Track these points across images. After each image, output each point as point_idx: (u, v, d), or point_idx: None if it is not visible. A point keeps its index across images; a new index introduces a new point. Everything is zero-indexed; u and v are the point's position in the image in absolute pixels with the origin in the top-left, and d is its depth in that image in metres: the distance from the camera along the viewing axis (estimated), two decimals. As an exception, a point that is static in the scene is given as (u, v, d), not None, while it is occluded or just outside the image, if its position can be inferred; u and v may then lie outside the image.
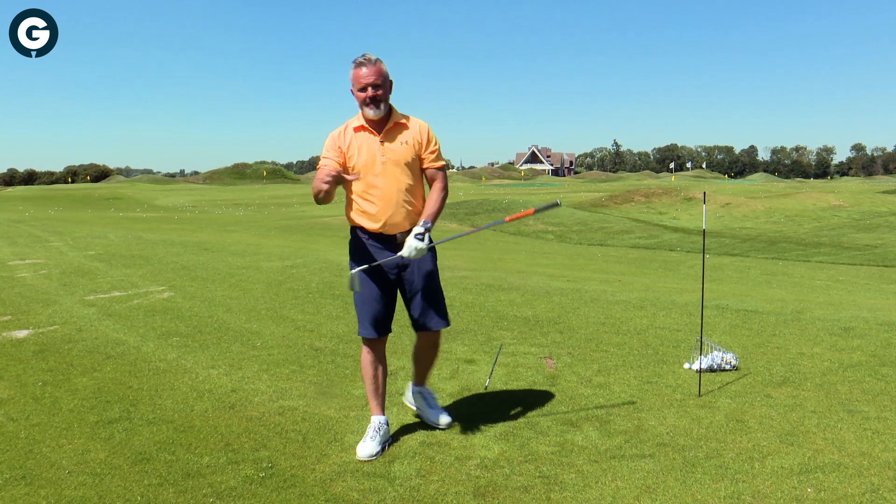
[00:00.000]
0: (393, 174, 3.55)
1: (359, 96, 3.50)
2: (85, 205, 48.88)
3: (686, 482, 3.13)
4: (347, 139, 3.58)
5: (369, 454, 3.48)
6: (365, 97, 3.48)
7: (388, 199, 3.55)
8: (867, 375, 4.66)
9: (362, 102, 3.51)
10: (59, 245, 13.72)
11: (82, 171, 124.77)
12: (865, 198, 43.80)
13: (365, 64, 3.47)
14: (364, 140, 3.56)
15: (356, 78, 3.48)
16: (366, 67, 3.46)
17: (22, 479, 3.22)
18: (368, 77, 3.45)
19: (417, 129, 3.63)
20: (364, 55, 3.50)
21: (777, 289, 11.49)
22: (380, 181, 3.54)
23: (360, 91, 3.48)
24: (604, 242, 26.08)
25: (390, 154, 3.55)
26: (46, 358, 5.24)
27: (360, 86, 3.47)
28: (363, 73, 3.46)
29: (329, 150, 3.59)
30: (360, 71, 3.47)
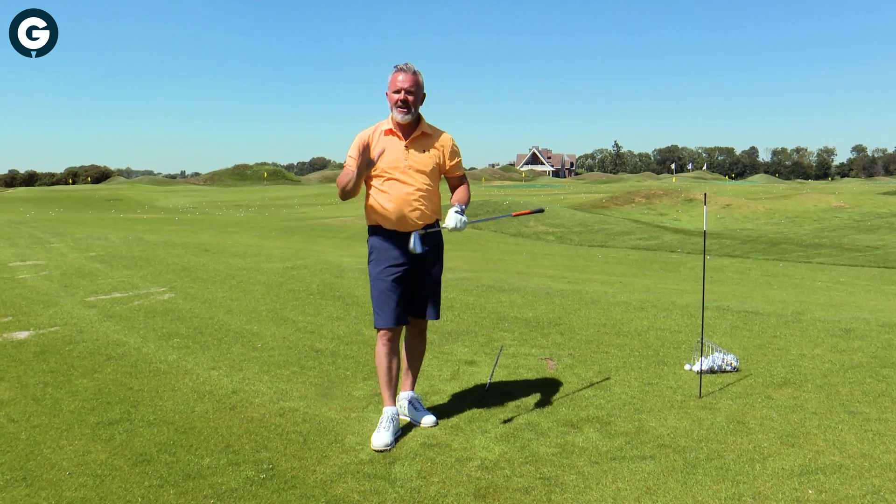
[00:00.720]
0: (412, 178, 3.78)
1: (392, 97, 3.74)
2: (86, 206, 48.91)
3: (687, 483, 3.12)
4: (375, 139, 3.81)
5: (385, 444, 3.58)
6: (397, 100, 3.71)
7: (404, 201, 3.77)
8: (868, 377, 4.66)
9: (394, 104, 3.74)
10: (59, 246, 13.73)
11: (83, 173, 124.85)
12: (866, 199, 43.80)
13: (404, 70, 3.73)
14: (391, 143, 3.79)
15: (393, 81, 3.73)
16: (403, 73, 3.72)
17: (22, 481, 3.22)
18: (404, 83, 3.70)
19: (441, 141, 3.89)
20: (406, 63, 3.75)
21: (778, 290, 11.49)
22: (399, 183, 3.77)
23: (395, 93, 3.72)
24: (604, 244, 26.09)
25: (413, 160, 3.79)
26: (47, 359, 5.24)
27: (395, 88, 3.72)
28: (400, 79, 3.72)
29: (354, 150, 3.78)
30: (398, 75, 3.73)
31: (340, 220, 28.96)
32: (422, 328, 4.07)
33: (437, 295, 3.99)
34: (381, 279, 3.84)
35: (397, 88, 3.70)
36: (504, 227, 30.49)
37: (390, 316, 3.83)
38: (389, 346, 3.88)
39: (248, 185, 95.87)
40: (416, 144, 3.81)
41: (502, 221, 31.11)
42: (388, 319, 3.83)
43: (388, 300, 3.83)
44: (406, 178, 3.77)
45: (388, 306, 3.83)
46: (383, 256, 3.85)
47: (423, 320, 4.02)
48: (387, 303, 3.83)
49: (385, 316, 3.83)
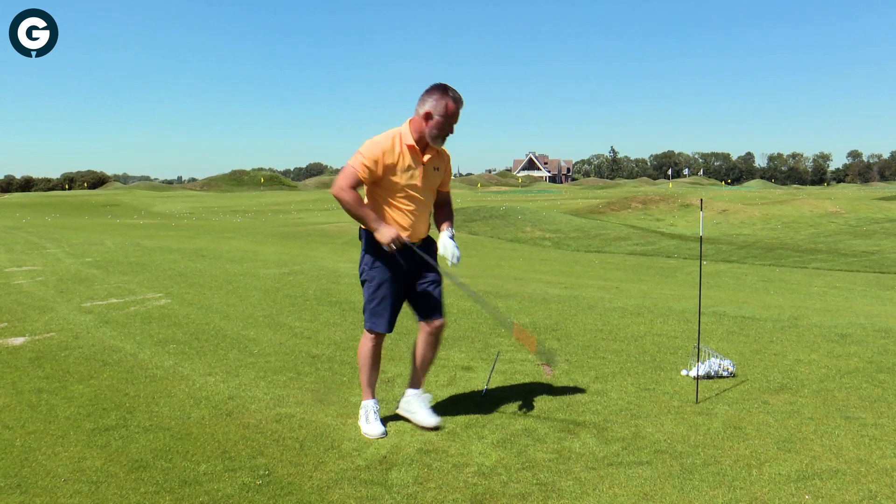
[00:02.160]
0: (427, 195, 3.92)
1: (439, 123, 3.75)
2: (82, 211, 48.84)
3: (683, 489, 3.12)
4: (397, 153, 3.77)
5: (382, 432, 3.83)
6: (448, 130, 3.79)
7: (419, 217, 3.91)
8: (864, 382, 4.67)
9: (440, 131, 3.77)
10: (55, 252, 13.70)
11: (79, 178, 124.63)
12: (862, 204, 43.92)
13: (461, 102, 3.78)
14: (412, 160, 3.81)
15: (450, 112, 3.75)
16: (460, 106, 3.78)
17: (17, 488, 3.20)
18: (456, 116, 3.78)
19: (446, 159, 4.02)
20: (458, 93, 3.78)
21: (774, 295, 11.51)
22: (418, 199, 3.87)
23: (447, 123, 3.77)
24: (601, 249, 26.11)
25: (429, 177, 3.89)
26: (43, 365, 5.22)
27: (450, 120, 3.77)
28: (457, 112, 3.78)
29: (372, 161, 3.72)
30: (456, 107, 3.76)
31: (337, 226, 28.95)
32: (439, 327, 4.06)
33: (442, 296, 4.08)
34: (385, 286, 3.90)
35: (450, 118, 3.76)
36: (500, 232, 30.52)
37: (389, 322, 3.94)
38: (378, 347, 4.02)
39: (245, 191, 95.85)
40: (431, 163, 3.88)
41: (499, 226, 31.14)
42: (386, 325, 3.93)
43: (388, 307, 3.91)
44: (422, 196, 3.88)
45: (389, 312, 3.92)
46: (389, 264, 3.87)
47: (441, 320, 4.04)
48: (388, 309, 3.92)
49: (384, 322, 3.93)
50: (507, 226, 32.03)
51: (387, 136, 3.79)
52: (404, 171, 3.78)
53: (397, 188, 3.80)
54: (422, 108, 3.76)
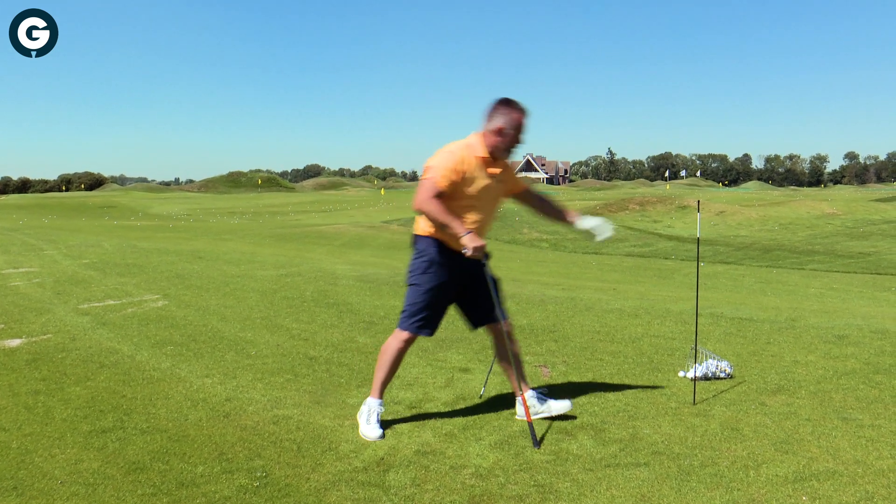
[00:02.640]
0: (491, 208, 4.00)
1: (510, 136, 3.83)
2: (79, 213, 48.78)
3: (681, 490, 3.12)
4: (470, 164, 3.83)
5: (378, 436, 3.81)
6: (517, 141, 3.86)
7: (482, 227, 3.96)
8: (861, 383, 4.67)
9: (509, 143, 3.85)
10: (52, 253, 13.68)
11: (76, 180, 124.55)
12: (859, 206, 44.02)
13: (528, 114, 3.86)
14: (482, 172, 3.86)
15: (520, 124, 3.84)
16: (526, 117, 3.85)
17: (13, 490, 3.20)
18: (524, 127, 3.85)
19: (511, 170, 4.07)
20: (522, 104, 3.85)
21: (771, 297, 11.52)
22: (483, 210, 3.92)
23: (518, 136, 3.85)
24: (598, 251, 26.12)
25: (494, 189, 3.94)
26: (39, 367, 5.21)
27: (520, 132, 3.85)
28: (525, 124, 3.85)
29: (451, 170, 3.77)
30: (524, 120, 3.84)
31: (335, 228, 28.95)
32: (509, 330, 4.09)
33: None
34: (434, 292, 3.94)
35: (521, 132, 3.84)
36: (498, 234, 30.53)
37: (432, 327, 4.01)
38: (406, 349, 4.05)
39: (242, 193, 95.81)
40: (500, 176, 3.94)
41: (496, 228, 31.15)
42: (430, 330, 4.01)
43: (436, 314, 4.00)
44: (487, 209, 3.95)
45: (435, 318, 4.01)
46: (444, 272, 3.92)
47: (507, 322, 4.08)
48: (436, 315, 4.00)
49: (429, 326, 4.00)
50: (504, 227, 32.06)
51: (460, 146, 3.87)
52: (474, 181, 3.84)
53: (466, 198, 3.84)
54: (492, 124, 3.84)
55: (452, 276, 3.96)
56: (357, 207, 60.60)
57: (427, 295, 3.94)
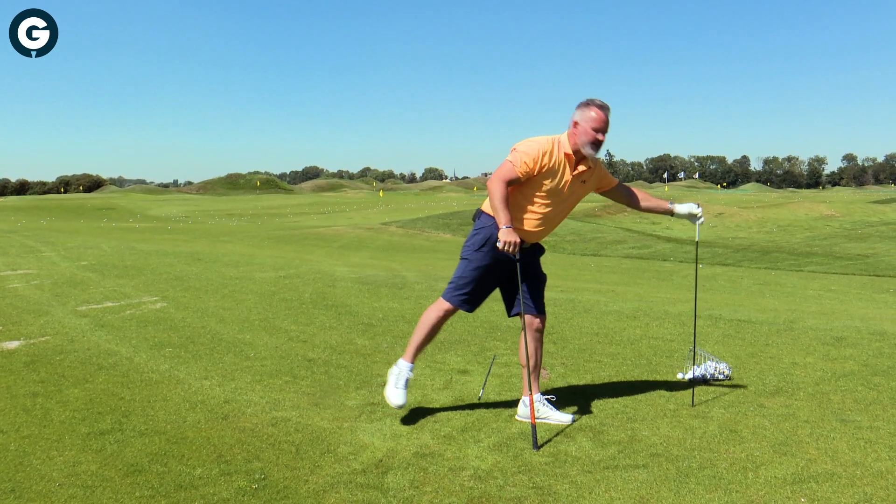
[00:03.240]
0: (567, 206, 4.01)
1: (590, 134, 3.80)
2: (78, 215, 48.74)
3: (680, 492, 3.12)
4: (555, 158, 3.85)
5: (400, 403, 3.99)
6: (596, 138, 3.80)
7: (549, 221, 3.98)
8: (859, 385, 4.67)
9: (591, 140, 3.81)
10: (51, 255, 13.67)
11: (75, 182, 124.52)
12: (857, 208, 44.06)
13: (607, 109, 3.83)
14: (566, 168, 3.88)
15: (598, 120, 3.80)
16: (606, 114, 3.82)
17: (11, 493, 3.19)
18: (605, 123, 3.82)
19: (599, 174, 4.07)
20: (603, 102, 3.84)
21: (770, 298, 11.53)
22: (557, 206, 3.94)
23: (596, 132, 3.80)
24: (597, 252, 26.14)
25: (575, 188, 3.95)
26: (37, 369, 5.21)
27: (599, 128, 3.80)
28: (605, 119, 3.82)
29: (531, 158, 3.81)
30: (603, 115, 3.81)
31: (333, 230, 28.95)
32: (539, 328, 4.14)
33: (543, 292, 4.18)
34: (481, 270, 3.99)
35: (601, 128, 3.80)
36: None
37: (474, 304, 4.07)
38: (445, 319, 4.10)
39: (241, 194, 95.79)
40: (582, 175, 3.94)
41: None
42: (471, 306, 4.06)
43: (481, 292, 4.05)
44: (562, 204, 3.95)
45: (479, 296, 4.06)
46: (494, 253, 3.94)
47: (542, 318, 4.13)
48: (479, 293, 4.05)
49: (470, 302, 4.05)
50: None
51: (547, 139, 3.90)
52: (555, 175, 3.85)
53: (543, 190, 3.87)
54: (571, 121, 3.89)
55: (505, 264, 3.99)
56: (356, 209, 60.61)
57: (475, 272, 3.99)
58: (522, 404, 4.12)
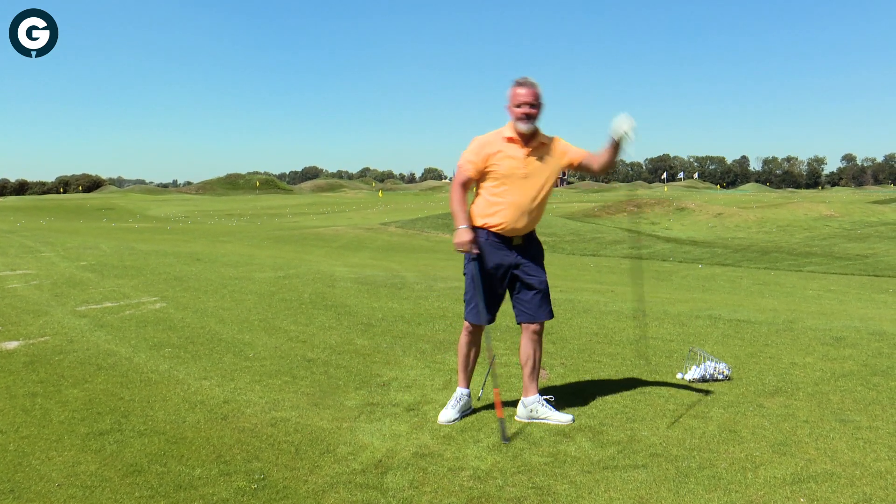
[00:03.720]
0: (528, 187, 3.97)
1: (515, 112, 3.93)
2: (77, 215, 48.73)
3: (679, 492, 3.12)
4: (496, 146, 3.97)
5: (447, 419, 4.03)
6: (521, 113, 3.90)
7: (518, 207, 3.95)
8: (859, 385, 4.68)
9: (517, 117, 3.92)
10: (50, 255, 13.66)
11: (74, 182, 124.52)
12: (856, 208, 44.07)
13: (525, 84, 3.91)
14: (512, 151, 3.96)
15: (515, 95, 3.92)
16: (525, 88, 3.90)
17: (10, 493, 3.19)
18: (527, 97, 3.89)
19: (559, 148, 4.04)
20: (524, 77, 3.93)
21: (769, 298, 11.53)
22: (515, 192, 3.95)
23: (517, 107, 3.90)
24: (596, 252, 26.14)
25: (531, 168, 3.96)
26: (37, 369, 5.20)
27: (518, 102, 3.90)
28: (522, 93, 3.90)
29: (473, 153, 3.99)
30: (518, 90, 3.91)
31: (333, 230, 28.95)
32: (538, 331, 4.15)
33: (547, 296, 4.11)
34: (483, 282, 4.03)
35: (519, 102, 3.89)
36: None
37: (483, 315, 4.06)
38: (472, 338, 4.19)
39: (240, 195, 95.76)
40: (536, 153, 3.97)
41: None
42: (479, 317, 4.07)
43: (488, 302, 4.06)
44: (523, 186, 3.95)
45: (481, 306, 4.05)
46: (488, 259, 4.02)
47: (538, 324, 4.11)
48: (487, 304, 4.06)
49: (476, 314, 4.08)
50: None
51: (490, 133, 4.05)
52: (505, 161, 3.94)
53: (498, 178, 3.95)
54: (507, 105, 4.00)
55: (499, 267, 4.03)
56: (355, 209, 60.60)
57: (472, 284, 4.08)
58: (521, 405, 4.14)
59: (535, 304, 4.08)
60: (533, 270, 4.08)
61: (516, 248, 4.04)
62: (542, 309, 4.10)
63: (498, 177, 3.95)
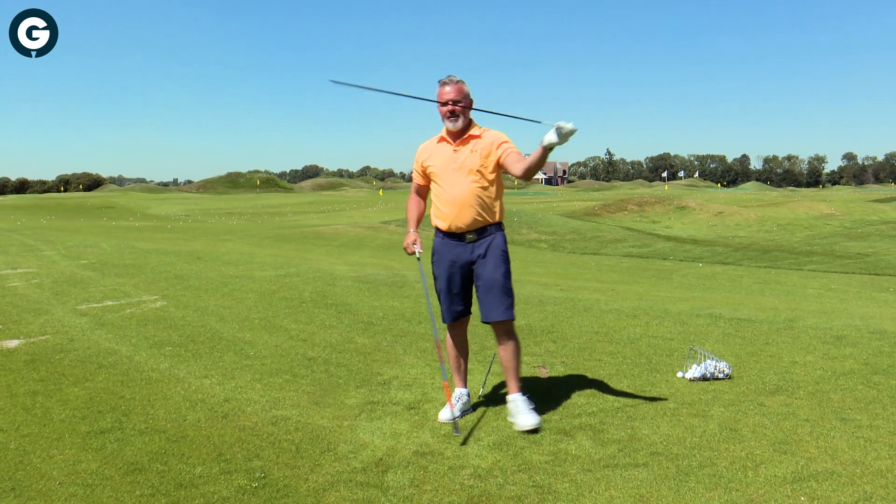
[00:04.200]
0: (461, 180, 3.98)
1: (441, 110, 4.01)
2: (77, 214, 48.74)
3: (680, 491, 3.13)
4: (429, 150, 4.14)
5: (447, 418, 4.01)
6: (446, 111, 3.98)
7: (455, 203, 3.99)
8: (859, 384, 4.67)
9: (444, 116, 4.01)
10: (51, 254, 13.66)
11: (75, 180, 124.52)
12: (857, 206, 44.05)
13: (448, 83, 3.98)
14: (442, 149, 4.08)
15: (440, 95, 4.00)
16: (448, 86, 3.97)
17: (11, 491, 3.19)
18: (450, 94, 3.96)
19: (490, 138, 4.02)
20: (449, 76, 4.00)
21: (770, 297, 11.53)
22: (450, 186, 4.01)
23: (442, 105, 3.99)
24: (597, 251, 26.14)
25: (460, 162, 3.99)
26: (37, 368, 5.21)
27: (443, 101, 3.98)
28: (446, 91, 3.97)
29: (415, 160, 4.22)
30: (443, 89, 3.99)
31: (333, 229, 28.95)
32: (503, 329, 4.09)
33: (500, 295, 4.01)
34: (440, 280, 4.16)
35: (444, 101, 3.97)
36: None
37: (447, 313, 4.19)
38: (453, 339, 4.28)
39: (241, 193, 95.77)
40: (465, 146, 4.01)
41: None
42: (446, 316, 4.21)
43: (451, 302, 4.16)
44: (457, 180, 3.98)
45: (446, 304, 4.17)
46: (442, 257, 4.13)
47: (499, 322, 4.07)
48: (452, 303, 4.16)
49: (445, 313, 4.22)
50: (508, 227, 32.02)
51: (429, 139, 4.20)
52: (437, 162, 4.06)
53: (435, 177, 4.08)
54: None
55: (453, 264, 4.09)
56: (355, 208, 60.58)
57: (436, 283, 4.21)
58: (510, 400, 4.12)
59: (487, 302, 4.02)
60: (484, 268, 4.03)
61: (472, 245, 4.06)
62: (494, 308, 4.00)
63: (434, 177, 4.09)
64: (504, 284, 4.02)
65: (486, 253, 4.04)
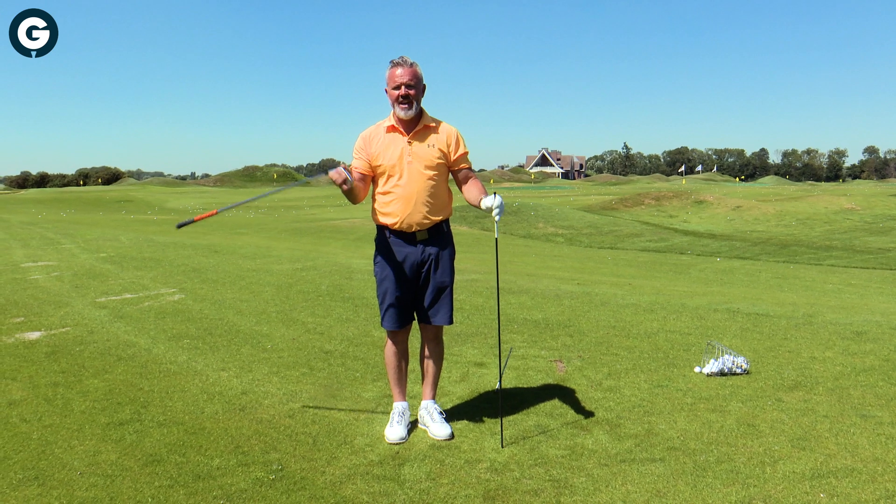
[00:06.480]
0: (416, 175, 3.66)
1: (392, 94, 3.62)
2: (96, 207, 49.20)
3: (697, 486, 3.11)
4: (377, 139, 3.70)
5: (399, 437, 3.69)
6: (397, 95, 3.59)
7: (409, 199, 3.66)
8: (880, 380, 4.62)
9: (394, 101, 3.62)
10: (70, 247, 13.81)
11: (94, 174, 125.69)
12: (878, 201, 43.50)
13: (401, 65, 3.59)
14: (393, 140, 3.68)
15: (391, 77, 3.60)
16: (401, 68, 3.59)
17: (34, 480, 3.24)
18: (403, 77, 3.57)
19: (446, 134, 3.73)
20: (401, 57, 3.62)
21: (788, 292, 11.42)
22: (403, 181, 3.66)
23: (394, 89, 3.59)
24: (614, 245, 26.02)
25: (416, 155, 3.66)
26: (58, 359, 5.27)
27: (394, 84, 3.59)
28: (398, 73, 3.58)
29: (358, 151, 3.74)
30: (395, 70, 3.59)
31: (349, 222, 29.03)
32: (434, 333, 3.93)
33: (447, 299, 3.83)
34: (386, 283, 3.79)
35: (397, 84, 3.57)
36: (513, 228, 30.48)
37: (392, 319, 3.81)
38: (396, 346, 3.91)
39: (258, 187, 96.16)
40: (419, 139, 3.67)
41: (511, 223, 31.13)
42: (390, 322, 3.82)
43: (390, 304, 3.79)
44: (412, 176, 3.64)
45: (391, 310, 3.80)
46: (388, 258, 3.77)
47: (437, 327, 3.91)
48: (390, 306, 3.80)
49: (388, 319, 3.82)
50: (519, 222, 31.97)
51: (372, 126, 3.76)
52: (385, 153, 3.66)
53: (384, 171, 3.68)
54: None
55: (402, 266, 3.76)
56: (372, 202, 60.52)
57: (380, 287, 3.82)
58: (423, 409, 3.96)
59: (435, 305, 3.81)
60: (435, 271, 3.78)
61: (422, 244, 3.74)
62: (439, 312, 3.82)
63: (384, 170, 3.67)
64: (451, 288, 3.85)
65: (438, 255, 3.77)
